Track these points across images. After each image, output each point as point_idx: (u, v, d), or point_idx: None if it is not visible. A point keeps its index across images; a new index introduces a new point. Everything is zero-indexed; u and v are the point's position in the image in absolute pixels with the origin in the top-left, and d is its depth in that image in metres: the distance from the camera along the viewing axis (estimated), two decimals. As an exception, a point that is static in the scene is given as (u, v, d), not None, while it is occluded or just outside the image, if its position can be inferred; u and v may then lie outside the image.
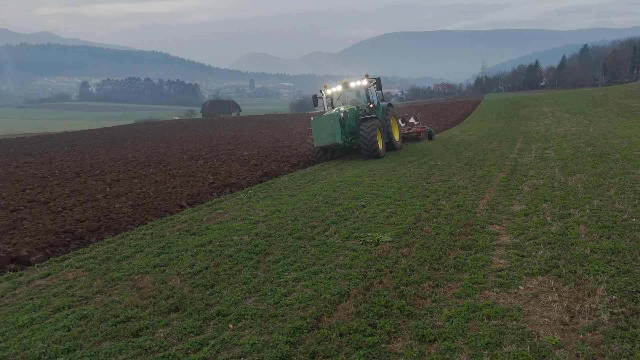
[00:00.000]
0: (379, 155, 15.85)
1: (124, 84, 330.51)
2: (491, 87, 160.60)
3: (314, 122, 15.59)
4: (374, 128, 15.77)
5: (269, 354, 3.96)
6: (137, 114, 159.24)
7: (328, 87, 17.94)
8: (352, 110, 16.74)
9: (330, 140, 15.40)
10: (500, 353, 3.67)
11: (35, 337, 4.64)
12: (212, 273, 6.04)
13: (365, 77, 17.29)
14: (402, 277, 5.32)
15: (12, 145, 42.98)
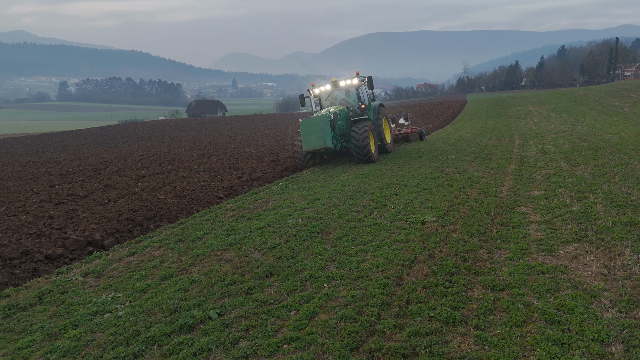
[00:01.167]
0: (371, 159, 14.89)
1: (104, 83, 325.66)
2: (473, 87, 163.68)
3: (302, 125, 14.59)
4: (367, 130, 14.80)
5: (370, 302, 4.88)
6: (120, 114, 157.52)
7: (316, 86, 16.86)
8: (343, 111, 15.88)
9: (321, 144, 14.39)
10: (560, 295, 4.66)
11: (161, 297, 5.48)
12: (287, 248, 6.93)
13: (356, 76, 16.34)
14: (458, 247, 6.30)
15: (2, 145, 42.73)
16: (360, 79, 16.36)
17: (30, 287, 6.29)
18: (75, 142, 44.89)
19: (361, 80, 16.44)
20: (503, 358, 3.69)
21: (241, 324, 4.69)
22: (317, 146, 14.53)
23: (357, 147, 14.79)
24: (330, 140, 14.60)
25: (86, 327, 4.90)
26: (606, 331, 3.91)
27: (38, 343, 4.67)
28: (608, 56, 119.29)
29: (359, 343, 4.14)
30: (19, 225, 9.66)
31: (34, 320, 5.21)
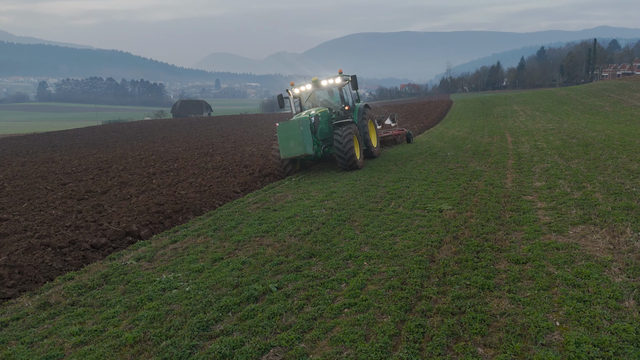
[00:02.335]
0: (356, 166, 13.61)
1: (85, 83, 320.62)
2: (456, 87, 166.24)
3: (280, 129, 13.07)
4: (351, 135, 13.44)
5: (411, 275, 5.58)
6: (103, 114, 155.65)
7: (296, 86, 15.39)
8: (325, 113, 14.43)
9: (300, 151, 12.93)
10: (577, 267, 5.42)
11: (219, 276, 6.09)
12: (320, 234, 7.59)
13: (339, 75, 14.96)
14: (478, 230, 7.05)
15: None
16: (343, 78, 15.02)
17: (89, 270, 6.84)
18: (63, 142, 44.72)
19: (344, 79, 15.11)
20: (536, 313, 4.42)
21: (301, 294, 5.34)
22: (296, 153, 12.99)
23: (340, 153, 13.43)
24: (311, 146, 13.08)
25: (160, 300, 5.50)
26: (619, 291, 4.67)
27: (121, 314, 5.26)
28: (586, 57, 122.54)
29: (410, 305, 4.84)
30: (53, 218, 10.12)
31: (109, 297, 5.78)
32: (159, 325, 4.87)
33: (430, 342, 4.09)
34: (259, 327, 4.64)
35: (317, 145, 13.74)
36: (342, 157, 13.49)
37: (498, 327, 4.25)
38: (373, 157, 15.92)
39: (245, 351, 4.19)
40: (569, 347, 3.78)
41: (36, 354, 4.52)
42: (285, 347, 4.24)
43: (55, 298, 5.84)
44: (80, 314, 5.37)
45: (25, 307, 5.66)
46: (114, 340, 4.61)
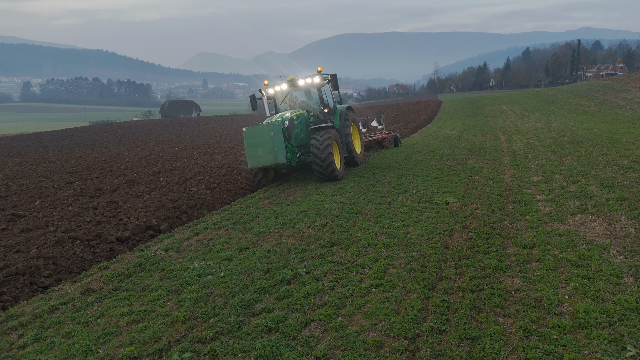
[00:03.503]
0: (335, 176, 12.12)
1: (70, 84, 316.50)
2: (443, 87, 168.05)
3: (247, 135, 11.59)
4: (329, 141, 12.00)
5: (429, 259, 6.08)
6: (90, 115, 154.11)
7: (270, 86, 13.93)
8: (301, 116, 13.09)
9: (271, 160, 11.50)
10: (579, 250, 5.96)
11: (249, 263, 6.53)
12: (336, 225, 8.07)
13: (318, 74, 13.43)
14: (485, 220, 7.59)
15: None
16: (322, 77, 13.46)
17: (122, 261, 7.23)
18: (53, 143, 44.54)
19: (324, 78, 13.53)
20: (547, 289, 4.95)
21: (329, 277, 5.81)
22: (266, 162, 11.55)
23: (318, 161, 11.88)
24: (283, 154, 11.66)
25: (199, 284, 5.93)
26: (619, 269, 5.23)
27: (165, 297, 5.68)
28: (571, 58, 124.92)
29: (432, 285, 5.34)
30: (71, 215, 10.45)
31: (148, 283, 6.19)
32: (203, 305, 5.30)
33: (456, 314, 4.59)
34: (297, 305, 5.10)
35: (291, 153, 12.12)
36: (319, 166, 11.92)
37: (514, 301, 4.77)
38: (356, 164, 14.46)
39: (289, 324, 4.65)
40: (579, 315, 4.31)
41: (94, 331, 4.92)
42: (324, 321, 4.71)
43: (96, 285, 6.23)
44: (126, 297, 5.78)
45: (70, 293, 6.04)
46: (165, 318, 5.04)
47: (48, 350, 4.61)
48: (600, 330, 4.06)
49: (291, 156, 12.18)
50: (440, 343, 4.10)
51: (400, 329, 4.36)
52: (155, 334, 4.69)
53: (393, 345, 4.12)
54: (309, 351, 4.18)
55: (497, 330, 4.20)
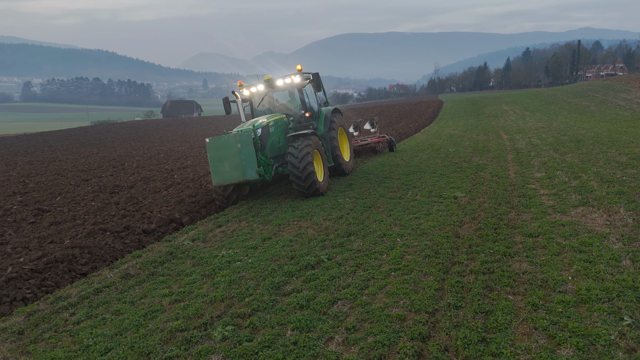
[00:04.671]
0: (317, 190, 10.53)
1: (71, 84, 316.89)
2: (444, 87, 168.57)
3: (210, 147, 10.06)
4: (309, 150, 10.47)
5: (441, 247, 6.57)
6: (91, 115, 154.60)
7: (245, 87, 12.47)
8: (280, 121, 11.57)
9: (238, 176, 9.88)
10: (581, 238, 6.45)
11: (273, 250, 7.02)
12: (351, 218, 8.55)
13: (298, 73, 11.88)
14: (492, 212, 8.08)
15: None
16: (303, 76, 11.95)
17: (152, 250, 7.72)
18: (58, 142, 44.99)
19: (305, 77, 12.02)
20: (552, 271, 5.43)
21: (350, 263, 6.30)
22: (233, 179, 9.90)
23: (295, 174, 10.32)
24: (254, 169, 10.04)
25: (230, 269, 6.41)
26: (618, 254, 5.71)
27: (200, 280, 6.17)
28: (571, 58, 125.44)
29: (447, 268, 5.83)
30: (96, 209, 10.93)
31: (182, 268, 6.69)
32: (237, 287, 5.79)
33: (470, 292, 5.08)
34: (324, 286, 5.58)
35: (265, 166, 10.59)
36: (298, 179, 10.33)
37: (522, 281, 5.26)
38: (344, 174, 12.93)
39: (319, 302, 5.14)
40: (581, 292, 4.80)
41: (140, 309, 5.41)
42: (350, 299, 5.20)
43: (133, 271, 6.73)
44: (163, 281, 6.27)
45: (110, 278, 6.53)
46: (204, 298, 5.53)
47: (101, 325, 5.10)
48: (600, 304, 4.54)
49: (265, 169, 10.53)
50: (457, 316, 4.58)
51: (420, 305, 4.85)
52: (198, 311, 5.18)
53: (415, 318, 4.60)
54: (339, 324, 4.67)
55: (508, 305, 4.69)
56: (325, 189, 10.97)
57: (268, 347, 4.30)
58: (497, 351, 3.91)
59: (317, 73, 11.91)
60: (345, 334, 4.46)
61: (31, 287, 6.50)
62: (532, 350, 3.89)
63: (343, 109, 27.51)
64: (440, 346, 4.06)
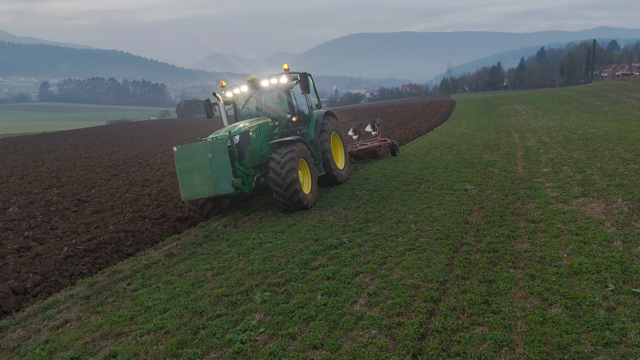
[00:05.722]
0: (300, 202, 9.43)
1: (87, 84, 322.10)
2: (457, 87, 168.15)
3: (178, 157, 8.96)
4: (292, 159, 9.40)
5: (452, 231, 7.27)
6: (107, 114, 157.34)
7: (228, 88, 11.48)
8: (264, 126, 10.57)
9: (208, 190, 8.70)
10: (579, 224, 7.11)
11: (299, 234, 7.79)
12: (369, 207, 9.29)
13: (284, 72, 10.76)
14: (499, 202, 8.76)
15: (6, 144, 43.53)
16: (290, 76, 10.86)
17: (189, 234, 8.56)
18: (79, 141, 46.34)
19: (292, 78, 10.94)
20: (550, 250, 6.11)
21: (369, 244, 7.04)
22: (203, 193, 8.73)
23: (277, 188, 9.28)
24: (228, 182, 8.95)
25: (262, 249, 7.21)
26: (610, 236, 6.37)
27: (236, 258, 6.97)
28: (586, 58, 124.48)
29: (456, 248, 6.54)
30: (131, 200, 11.83)
31: (219, 248, 7.50)
32: (270, 263, 6.58)
33: (476, 266, 5.80)
34: (346, 262, 6.34)
35: (244, 177, 9.58)
36: (279, 192, 9.29)
37: (523, 258, 5.96)
38: (338, 183, 11.87)
39: (343, 274, 5.89)
40: (574, 266, 5.49)
41: (187, 280, 6.22)
42: (370, 272, 5.94)
43: (175, 250, 7.56)
44: (204, 258, 7.09)
45: (155, 257, 7.37)
46: (242, 271, 6.32)
47: (156, 292, 5.93)
48: (589, 275, 5.23)
49: (244, 181, 9.51)
50: (464, 285, 5.30)
51: (432, 276, 5.58)
52: (238, 281, 5.97)
53: (428, 286, 5.33)
54: (361, 291, 5.42)
55: (509, 276, 5.40)
56: (312, 202, 9.81)
57: (302, 308, 5.06)
58: (497, 310, 4.63)
59: (305, 73, 11.01)
60: (367, 298, 5.21)
61: (86, 264, 7.37)
62: (527, 309, 4.60)
63: (355, 109, 28.03)
64: (449, 306, 4.80)
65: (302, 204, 9.45)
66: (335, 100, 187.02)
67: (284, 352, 4.21)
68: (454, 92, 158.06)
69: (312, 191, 10.08)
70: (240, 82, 11.46)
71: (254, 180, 9.93)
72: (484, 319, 4.49)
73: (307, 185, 10.13)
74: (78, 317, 5.47)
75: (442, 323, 4.44)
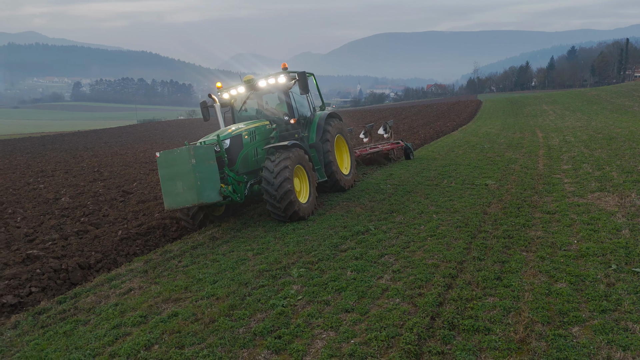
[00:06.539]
0: (297, 216, 8.85)
1: (117, 84, 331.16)
2: (483, 87, 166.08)
3: (161, 163, 8.30)
4: (286, 166, 8.71)
5: (471, 220, 7.85)
6: (137, 114, 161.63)
7: (225, 89, 10.98)
8: (260, 129, 9.96)
9: (192, 199, 8.02)
10: (592, 215, 7.59)
11: (329, 222, 8.49)
12: (393, 199, 9.92)
13: (282, 72, 10.25)
14: (517, 195, 9.28)
15: (45, 142, 45.48)
16: (289, 76, 10.26)
17: (228, 221, 9.35)
18: (112, 139, 48.11)
19: (291, 77, 10.32)
20: (561, 237, 6.64)
21: (394, 231, 7.69)
22: (186, 202, 8.06)
23: (270, 197, 8.65)
24: (215, 190, 8.36)
25: (295, 234, 7.94)
26: (619, 226, 6.85)
27: (273, 241, 7.72)
28: (618, 57, 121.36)
29: (474, 235, 7.13)
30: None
31: (256, 234, 8.27)
32: (304, 245, 7.30)
33: (491, 250, 6.38)
34: (373, 246, 7.00)
35: (236, 184, 8.99)
36: (272, 202, 8.66)
37: (535, 244, 6.51)
38: (342, 189, 11.29)
39: (370, 255, 6.56)
40: (581, 250, 6.02)
41: (231, 258, 7.00)
42: (394, 254, 6.59)
43: (218, 234, 8.38)
44: (244, 241, 7.87)
45: (200, 240, 8.20)
46: (279, 251, 7.06)
47: (205, 268, 6.72)
48: (595, 257, 5.77)
49: (235, 188, 8.93)
50: (480, 265, 5.91)
51: (451, 257, 6.19)
52: (277, 259, 6.72)
53: (446, 265, 5.96)
54: (386, 268, 6.08)
55: (521, 258, 5.98)
56: (309, 212, 9.17)
57: (334, 281, 5.76)
58: (508, 284, 5.23)
59: (303, 72, 10.18)
60: (391, 274, 5.86)
61: (139, 245, 8.25)
62: (535, 284, 5.18)
63: (379, 109, 28.41)
64: (465, 281, 5.42)
65: (297, 215, 8.80)
66: (359, 100, 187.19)
67: (319, 314, 4.92)
68: (480, 92, 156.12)
69: (310, 200, 9.39)
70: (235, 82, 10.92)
71: (246, 188, 9.25)
72: (495, 291, 5.10)
73: (304, 194, 9.48)
74: (140, 286, 6.30)
75: (458, 294, 5.07)
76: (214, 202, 8.37)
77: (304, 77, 10.05)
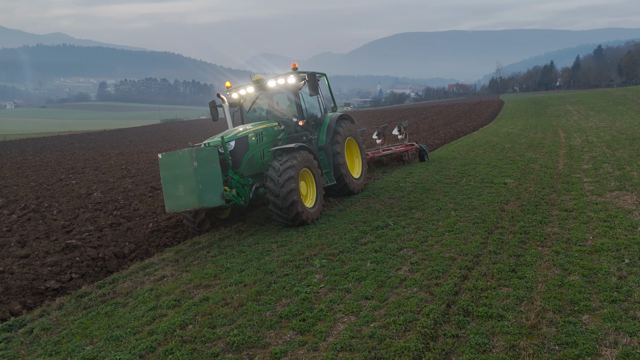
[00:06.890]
0: (300, 219, 8.50)
1: (141, 84, 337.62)
2: (506, 87, 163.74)
3: (163, 165, 8.15)
4: (292, 170, 8.43)
5: (488, 217, 8.05)
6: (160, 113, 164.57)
7: (234, 89, 10.84)
8: (268, 130, 9.79)
9: (194, 203, 7.84)
10: (608, 212, 7.71)
11: (350, 217, 8.79)
12: (412, 197, 10.16)
13: (292, 72, 10.09)
14: (536, 194, 9.42)
15: (73, 141, 46.88)
16: (299, 76, 10.13)
17: (252, 215, 9.75)
18: (136, 138, 49.30)
19: (301, 78, 10.19)
20: (577, 233, 6.80)
21: (412, 226, 7.95)
22: (187, 205, 7.89)
23: (274, 197, 8.38)
24: (218, 193, 8.16)
25: (317, 228, 8.27)
26: (636, 223, 6.97)
27: (296, 234, 8.06)
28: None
29: (491, 230, 7.34)
30: (197, 187, 13.22)
31: (279, 228, 8.63)
32: (325, 238, 7.63)
33: (508, 244, 6.60)
34: (392, 240, 7.28)
35: (240, 187, 8.78)
36: (276, 203, 8.39)
37: (551, 239, 6.69)
38: (351, 193, 10.90)
39: (389, 248, 6.85)
40: (596, 246, 6.19)
41: (257, 250, 7.38)
42: (413, 248, 6.86)
43: (243, 228, 8.80)
44: (268, 234, 8.27)
45: (226, 232, 8.64)
46: (301, 244, 7.41)
47: (232, 258, 7.11)
48: (609, 252, 5.93)
49: (240, 191, 8.74)
50: (495, 258, 6.13)
51: (468, 251, 6.43)
52: (300, 251, 7.06)
53: (463, 258, 6.20)
54: (405, 261, 6.35)
55: (536, 252, 6.18)
56: (315, 218, 8.87)
57: (354, 271, 6.06)
58: (522, 276, 5.45)
59: (314, 72, 10.04)
60: (410, 266, 6.14)
61: (169, 237, 8.69)
62: (548, 276, 5.39)
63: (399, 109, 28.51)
64: (480, 272, 5.66)
65: (300, 218, 8.44)
66: (379, 100, 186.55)
67: (341, 300, 5.23)
68: (502, 92, 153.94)
69: (317, 205, 9.07)
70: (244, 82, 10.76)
71: (251, 191, 8.97)
72: (509, 282, 5.33)
73: (310, 198, 9.16)
74: (172, 274, 6.72)
75: (474, 284, 5.32)
76: (215, 206, 8.20)
77: (314, 77, 9.89)
